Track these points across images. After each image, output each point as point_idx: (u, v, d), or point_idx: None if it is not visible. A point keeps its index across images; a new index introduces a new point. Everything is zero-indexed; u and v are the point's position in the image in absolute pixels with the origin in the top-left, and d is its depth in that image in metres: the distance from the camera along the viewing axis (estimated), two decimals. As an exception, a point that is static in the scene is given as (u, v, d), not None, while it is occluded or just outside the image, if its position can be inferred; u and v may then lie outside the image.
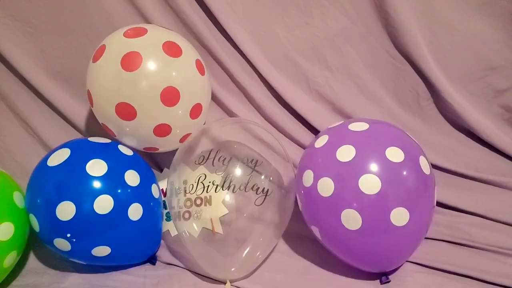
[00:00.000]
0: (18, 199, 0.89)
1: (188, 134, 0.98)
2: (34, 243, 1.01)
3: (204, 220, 0.88)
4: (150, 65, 0.86)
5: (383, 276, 0.85)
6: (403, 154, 0.79)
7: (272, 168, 0.93)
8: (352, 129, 0.85)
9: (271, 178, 0.90)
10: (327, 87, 1.19)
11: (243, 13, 1.15)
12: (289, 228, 0.95)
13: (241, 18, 1.15)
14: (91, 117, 1.14)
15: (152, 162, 1.18)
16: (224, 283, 0.88)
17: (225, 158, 0.89)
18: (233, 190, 0.87)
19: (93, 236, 0.86)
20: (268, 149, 0.97)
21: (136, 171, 0.92)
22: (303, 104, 1.19)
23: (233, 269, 0.87)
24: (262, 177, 0.89)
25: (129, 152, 0.96)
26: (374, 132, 0.84)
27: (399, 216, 0.77)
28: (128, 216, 0.88)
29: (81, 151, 0.91)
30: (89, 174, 0.85)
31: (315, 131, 1.19)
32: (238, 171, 0.88)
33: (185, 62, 0.92)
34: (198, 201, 0.87)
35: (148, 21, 1.11)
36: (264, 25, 1.16)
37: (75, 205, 0.83)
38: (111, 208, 0.85)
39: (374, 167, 0.77)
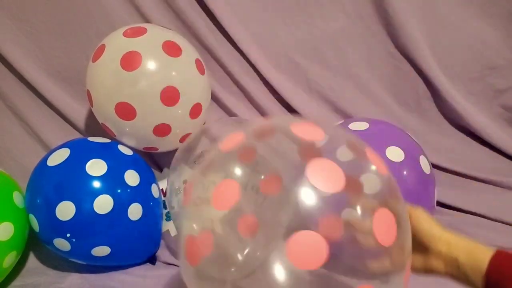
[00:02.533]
0: (18, 199, 0.89)
1: (188, 134, 0.98)
2: (34, 243, 1.01)
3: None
4: (150, 64, 0.86)
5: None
6: (403, 153, 0.79)
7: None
8: (352, 129, 0.85)
9: (271, 178, 0.90)
10: (327, 87, 1.19)
11: (243, 13, 1.15)
12: (289, 228, 0.95)
13: (241, 18, 1.15)
14: (91, 117, 1.14)
15: (152, 162, 1.18)
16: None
17: (225, 158, 0.89)
18: (233, 190, 0.86)
19: (93, 236, 0.86)
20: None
21: (136, 171, 0.92)
22: (303, 104, 1.19)
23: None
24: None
25: (129, 152, 0.96)
26: (374, 131, 0.84)
27: (399, 216, 0.76)
28: (128, 216, 0.88)
29: (81, 151, 0.91)
30: (88, 174, 0.85)
31: (315, 131, 1.19)
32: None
33: (185, 61, 0.92)
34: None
35: (148, 21, 1.11)
36: (264, 25, 1.16)
37: (75, 205, 0.83)
38: (111, 208, 0.85)
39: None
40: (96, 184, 0.85)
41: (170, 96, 0.88)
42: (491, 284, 0.45)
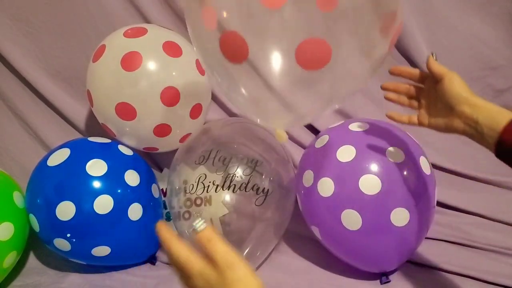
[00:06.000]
0: (18, 199, 0.89)
1: (188, 134, 0.98)
2: (34, 243, 1.01)
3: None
4: (150, 65, 0.86)
5: (383, 276, 0.85)
6: (403, 154, 0.79)
7: (272, 168, 0.92)
8: (352, 129, 0.85)
9: (271, 178, 0.90)
10: (327, 87, 1.19)
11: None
12: (289, 228, 0.95)
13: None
14: (91, 117, 1.14)
15: (152, 162, 1.18)
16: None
17: (225, 158, 0.89)
18: (233, 190, 0.86)
19: (93, 236, 0.86)
20: (268, 149, 0.97)
21: (136, 171, 0.92)
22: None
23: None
24: (262, 177, 0.89)
25: (129, 152, 0.96)
26: (375, 132, 0.84)
27: (399, 216, 0.76)
28: (128, 216, 0.88)
29: (81, 151, 0.91)
30: (89, 174, 0.85)
31: (315, 131, 1.19)
32: (238, 171, 0.88)
33: (185, 62, 0.92)
34: (198, 201, 0.87)
35: (148, 21, 1.11)
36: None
37: (75, 205, 0.83)
38: (111, 208, 0.85)
39: (374, 167, 0.77)
40: (96, 184, 0.85)
41: (170, 96, 0.88)
42: (504, 143, 0.52)
